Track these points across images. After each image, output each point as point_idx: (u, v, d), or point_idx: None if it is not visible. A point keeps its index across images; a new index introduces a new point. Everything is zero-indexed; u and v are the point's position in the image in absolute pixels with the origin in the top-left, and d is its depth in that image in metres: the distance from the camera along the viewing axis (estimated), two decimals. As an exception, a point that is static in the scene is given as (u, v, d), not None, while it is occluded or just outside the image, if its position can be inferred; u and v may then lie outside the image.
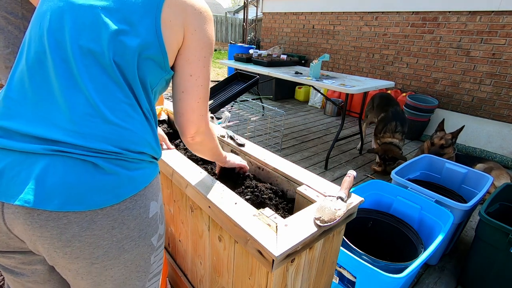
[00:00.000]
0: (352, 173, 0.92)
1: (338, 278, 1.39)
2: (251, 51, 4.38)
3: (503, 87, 3.53)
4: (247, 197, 0.97)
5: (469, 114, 3.84)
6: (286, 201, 1.02)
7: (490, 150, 3.59)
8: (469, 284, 1.67)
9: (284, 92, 5.84)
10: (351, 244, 1.32)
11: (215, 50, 12.82)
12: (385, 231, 1.65)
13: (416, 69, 4.28)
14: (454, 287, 1.70)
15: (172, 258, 1.38)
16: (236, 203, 0.83)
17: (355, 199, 0.88)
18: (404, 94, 4.23)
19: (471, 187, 2.05)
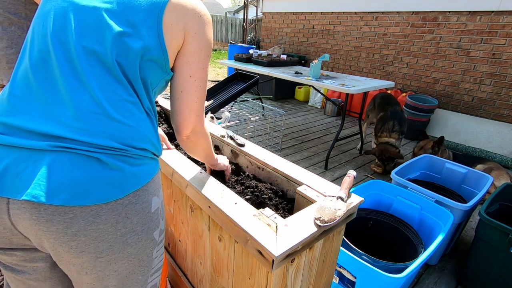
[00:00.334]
0: (352, 173, 0.92)
1: (338, 278, 1.39)
2: (251, 51, 4.38)
3: (503, 87, 3.53)
4: (247, 197, 0.97)
5: (469, 114, 3.84)
6: (286, 201, 1.02)
7: (490, 150, 3.59)
8: (469, 284, 1.67)
9: (284, 92, 5.84)
10: (351, 244, 1.33)
11: (215, 50, 12.83)
12: (385, 231, 1.65)
13: (416, 69, 4.28)
14: (454, 287, 1.70)
15: (172, 258, 1.38)
16: (236, 203, 0.83)
17: (355, 199, 0.88)
18: (404, 94, 4.23)
19: (471, 187, 2.05)
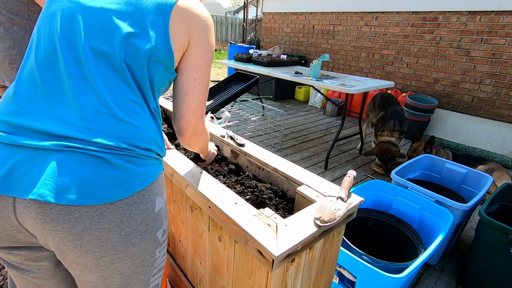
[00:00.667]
0: (352, 173, 0.92)
1: (338, 278, 1.39)
2: (251, 51, 4.38)
3: (503, 87, 3.53)
4: (247, 197, 0.97)
5: (469, 114, 3.84)
6: (286, 201, 1.02)
7: (490, 150, 3.59)
8: (469, 284, 1.67)
9: (284, 92, 5.84)
10: (351, 244, 1.32)
11: (215, 50, 12.80)
12: (385, 231, 1.65)
13: (416, 69, 4.28)
14: (454, 287, 1.70)
15: (172, 258, 1.38)
16: (236, 203, 0.83)
17: (355, 199, 0.88)
18: (404, 94, 4.23)
19: (471, 187, 2.05)
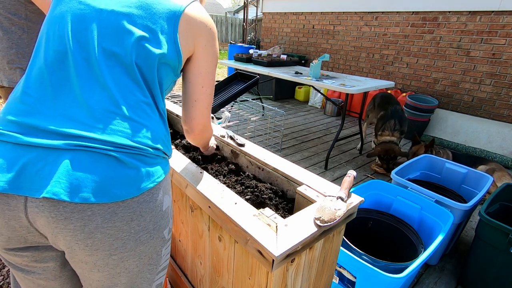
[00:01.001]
0: (352, 173, 0.92)
1: (338, 278, 1.39)
2: (251, 51, 4.38)
3: (503, 87, 3.53)
4: (247, 197, 0.97)
5: (469, 114, 3.84)
6: (286, 201, 1.02)
7: (490, 150, 3.59)
8: (469, 284, 1.67)
9: (284, 92, 5.83)
10: (351, 244, 1.32)
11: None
12: (385, 231, 1.65)
13: (416, 69, 4.28)
14: (454, 287, 1.71)
15: (172, 258, 1.38)
16: (236, 203, 0.83)
17: (355, 199, 0.88)
18: (404, 94, 4.23)
19: (471, 187, 2.05)
